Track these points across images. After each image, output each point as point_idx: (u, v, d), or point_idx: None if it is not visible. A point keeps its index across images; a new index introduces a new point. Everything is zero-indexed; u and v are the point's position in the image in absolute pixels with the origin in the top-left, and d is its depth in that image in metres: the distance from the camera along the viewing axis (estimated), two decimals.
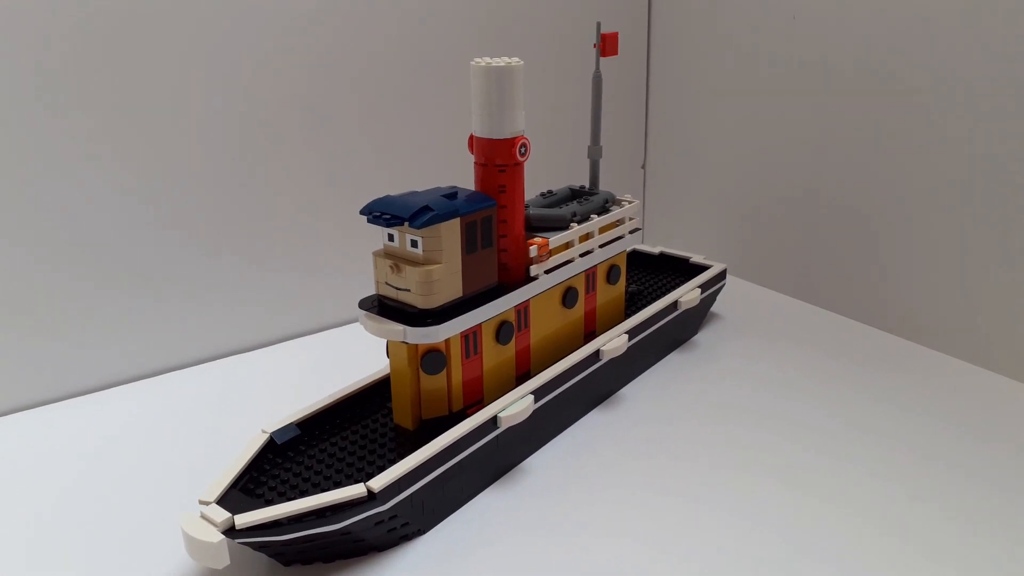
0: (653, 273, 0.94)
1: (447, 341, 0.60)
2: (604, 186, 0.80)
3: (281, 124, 0.85)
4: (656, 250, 0.97)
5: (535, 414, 0.65)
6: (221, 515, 0.50)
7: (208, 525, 0.50)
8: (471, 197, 0.60)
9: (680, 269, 0.94)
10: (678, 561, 0.55)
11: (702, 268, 0.91)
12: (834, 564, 0.54)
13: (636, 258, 0.98)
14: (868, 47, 0.87)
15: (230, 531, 0.49)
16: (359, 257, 0.80)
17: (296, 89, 0.85)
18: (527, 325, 0.68)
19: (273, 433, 0.59)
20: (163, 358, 0.83)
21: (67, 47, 0.72)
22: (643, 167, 1.17)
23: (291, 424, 0.60)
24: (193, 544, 0.49)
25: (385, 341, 0.63)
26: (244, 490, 0.55)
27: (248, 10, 0.80)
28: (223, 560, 0.49)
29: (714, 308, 0.96)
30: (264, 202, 0.86)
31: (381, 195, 0.61)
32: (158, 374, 0.82)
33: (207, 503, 0.51)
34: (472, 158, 0.65)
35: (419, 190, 0.62)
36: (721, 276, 0.91)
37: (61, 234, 0.75)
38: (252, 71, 0.82)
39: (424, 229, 0.56)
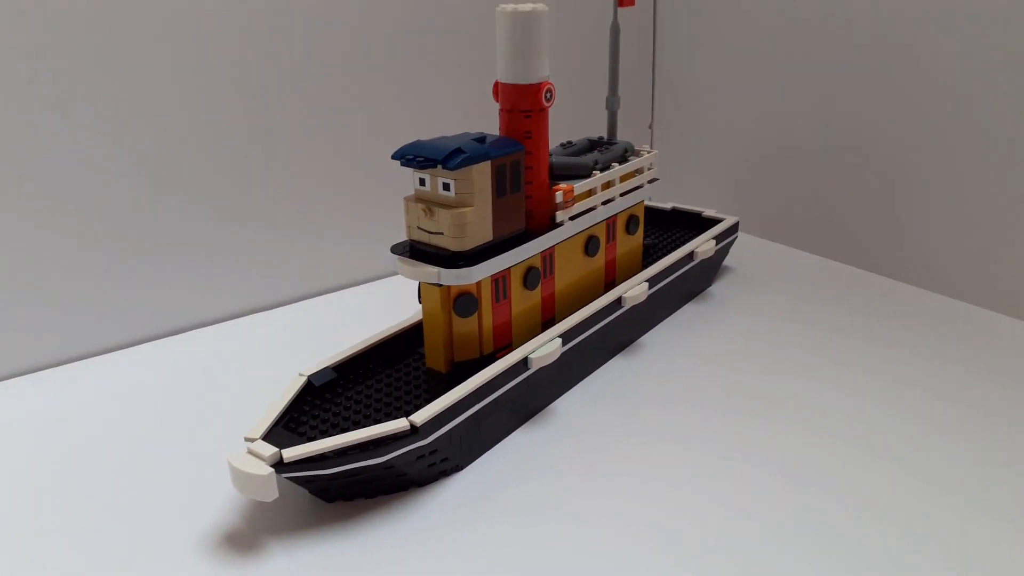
0: (666, 228, 0.95)
1: (478, 284, 0.61)
2: None
3: (301, 80, 0.85)
4: (668, 206, 0.98)
5: (562, 358, 0.66)
6: (268, 450, 0.51)
7: (256, 460, 0.51)
8: (499, 142, 0.61)
9: (693, 223, 0.95)
10: (696, 497, 0.56)
11: (715, 221, 0.93)
12: (848, 500, 0.56)
13: (649, 214, 0.99)
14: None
15: (277, 465, 0.51)
16: (385, 215, 0.81)
17: (313, 44, 0.85)
18: (552, 272, 0.69)
19: (311, 376, 0.60)
20: (196, 314, 0.84)
21: (75, 17, 0.72)
22: (650, 127, 1.18)
23: (327, 368, 0.61)
24: (242, 478, 0.50)
25: (417, 288, 0.64)
26: (287, 429, 0.56)
27: None
28: (272, 493, 0.50)
29: (727, 262, 0.98)
30: (289, 167, 0.87)
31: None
32: (193, 328, 0.84)
33: (253, 440, 0.53)
34: (495, 107, 0.65)
35: (447, 135, 0.63)
36: (733, 229, 0.93)
37: (102, 202, 0.76)
38: (268, 25, 0.82)
39: (457, 171, 0.57)
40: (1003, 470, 0.58)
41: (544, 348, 0.64)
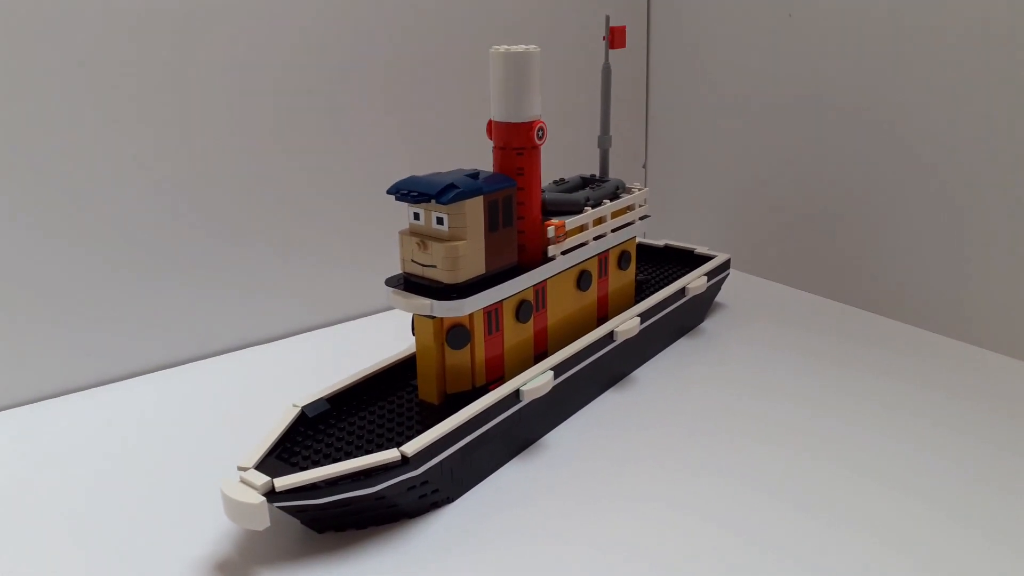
0: (660, 264, 0.96)
1: (471, 316, 0.62)
2: None
3: (303, 118, 0.87)
4: (661, 243, 0.99)
5: (554, 390, 0.67)
6: (260, 479, 0.52)
7: (248, 488, 0.51)
8: (492, 177, 0.63)
9: (685, 260, 0.96)
10: (693, 526, 0.57)
11: (706, 259, 0.94)
12: (845, 525, 0.56)
13: (642, 251, 1.00)
14: (864, 44, 0.90)
15: (269, 494, 0.51)
16: (382, 250, 0.82)
17: (314, 81, 0.87)
18: (544, 305, 0.70)
19: (304, 407, 0.61)
20: (194, 347, 0.85)
21: (99, 41, 0.74)
22: (644, 167, 1.20)
23: (321, 399, 0.62)
24: (234, 507, 0.51)
25: (410, 321, 0.65)
26: (280, 459, 0.56)
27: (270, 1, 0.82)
28: (264, 522, 0.51)
29: (719, 298, 0.99)
30: (290, 199, 0.88)
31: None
32: (191, 361, 0.85)
33: (246, 468, 0.53)
34: (490, 144, 0.67)
35: (441, 171, 0.64)
36: (725, 266, 0.94)
37: (107, 230, 0.77)
38: (276, 61, 0.84)
39: (450, 205, 0.59)
40: (982, 485, 0.59)
41: (536, 380, 0.64)
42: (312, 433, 0.60)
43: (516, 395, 0.63)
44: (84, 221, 0.76)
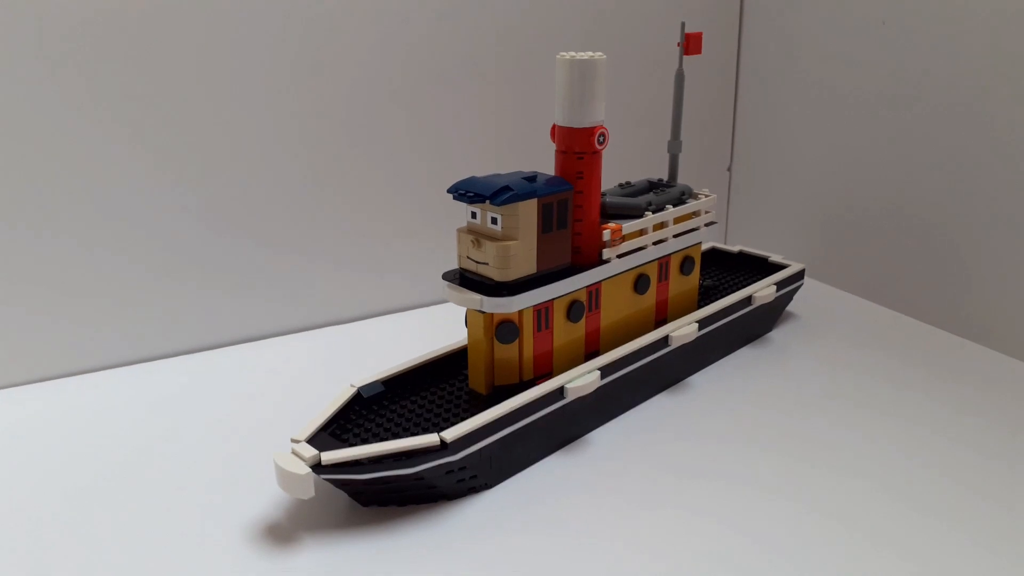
0: (731, 271, 0.96)
1: (520, 313, 0.64)
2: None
3: (385, 120, 0.92)
4: (735, 249, 0.99)
5: (601, 390, 0.69)
6: (309, 452, 0.56)
7: (298, 460, 0.56)
8: (550, 181, 0.65)
9: (758, 268, 0.95)
10: (722, 535, 0.57)
11: (780, 267, 0.93)
12: (903, 550, 0.56)
13: (715, 256, 1.00)
14: (963, 51, 0.86)
15: (316, 466, 0.55)
16: (449, 245, 0.86)
17: (399, 83, 0.91)
18: (598, 307, 0.71)
19: (360, 387, 0.65)
20: (274, 325, 0.91)
21: (122, 35, 0.79)
22: (729, 169, 1.19)
23: (377, 381, 0.66)
24: (283, 476, 0.55)
25: (464, 312, 0.68)
26: (332, 434, 0.61)
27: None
28: (308, 491, 0.55)
29: (792, 308, 0.97)
30: (369, 201, 0.94)
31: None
32: (270, 337, 0.91)
33: (298, 441, 0.58)
34: (554, 147, 0.69)
35: (501, 172, 0.67)
36: (799, 276, 0.92)
37: (181, 215, 0.84)
38: (352, 60, 0.89)
39: (503, 207, 0.61)
40: None
41: (582, 379, 0.66)
42: (365, 413, 0.64)
43: (560, 392, 0.65)
44: (161, 209, 0.84)
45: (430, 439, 0.57)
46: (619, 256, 0.71)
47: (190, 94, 0.81)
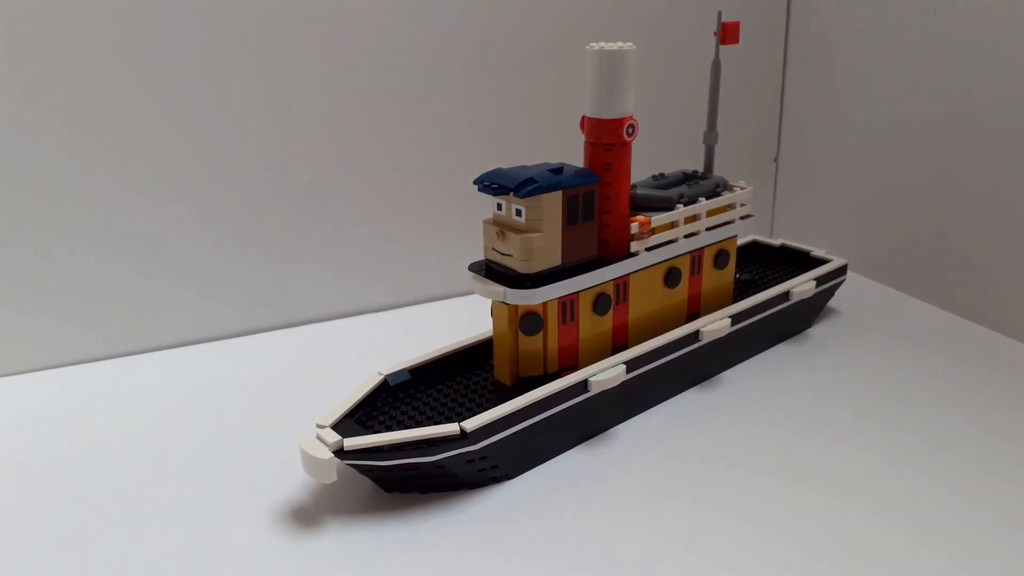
0: (772, 264, 0.94)
1: (544, 305, 0.65)
2: (732, 176, 0.81)
3: (409, 111, 0.93)
4: (777, 242, 0.97)
5: (627, 384, 0.68)
6: (333, 437, 0.57)
7: (321, 445, 0.57)
8: (576, 173, 0.64)
9: (800, 262, 0.93)
10: (741, 529, 0.57)
11: (822, 262, 0.91)
12: (944, 544, 0.54)
13: (756, 249, 0.98)
14: (1012, 42, 0.83)
15: (339, 452, 0.57)
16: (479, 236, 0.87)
17: (431, 75, 0.92)
18: (626, 300, 0.71)
19: (387, 375, 0.66)
20: (307, 311, 0.94)
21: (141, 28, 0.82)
22: (775, 160, 1.16)
23: (404, 369, 0.67)
24: (307, 460, 0.57)
25: (490, 303, 0.68)
26: (358, 421, 0.62)
27: None
28: (331, 476, 0.56)
29: (835, 304, 0.95)
30: (399, 191, 0.95)
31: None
32: (304, 324, 0.93)
33: (323, 427, 0.59)
34: (583, 138, 0.69)
35: (529, 164, 0.67)
36: (841, 271, 0.90)
37: (210, 198, 0.87)
38: (392, 50, 0.90)
39: (526, 199, 0.61)
40: None
41: (606, 372, 0.66)
42: (391, 400, 0.65)
43: (584, 385, 0.65)
44: (206, 196, 0.86)
45: (450, 428, 0.58)
46: (648, 249, 0.71)
47: (193, 93, 0.83)
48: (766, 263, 0.95)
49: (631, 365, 0.68)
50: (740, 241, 0.97)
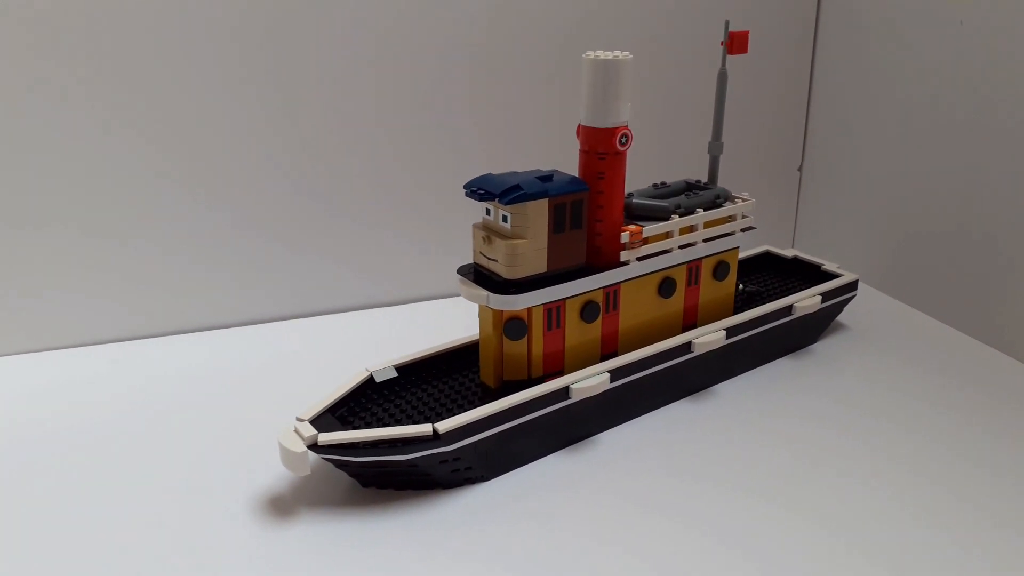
0: (783, 276, 0.93)
1: (529, 311, 0.65)
2: (755, 186, 0.80)
3: (411, 113, 0.93)
4: (789, 254, 0.95)
5: (613, 392, 0.68)
6: (309, 431, 0.59)
7: (297, 438, 0.59)
8: (564, 181, 0.65)
9: (811, 275, 0.92)
10: (713, 548, 0.57)
11: (833, 276, 0.89)
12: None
13: (769, 260, 0.97)
14: None
15: (313, 446, 0.58)
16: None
17: (430, 78, 0.93)
18: (616, 308, 0.71)
19: (374, 372, 0.68)
20: (302, 305, 0.95)
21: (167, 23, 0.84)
22: (799, 169, 1.14)
23: (390, 367, 0.68)
24: (283, 453, 0.58)
25: (477, 306, 0.69)
26: (341, 416, 0.63)
27: None
28: (304, 469, 0.58)
29: (844, 319, 0.93)
30: (397, 191, 0.96)
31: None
32: (297, 317, 0.95)
33: (302, 420, 0.61)
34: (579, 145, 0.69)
35: (529, 169, 0.67)
36: (851, 287, 0.88)
37: (238, 201, 0.89)
38: (404, 51, 0.91)
39: (512, 206, 0.62)
40: None
41: (589, 380, 0.66)
42: (376, 398, 0.67)
43: (565, 391, 0.66)
44: (218, 191, 0.89)
45: (423, 428, 0.59)
46: (640, 259, 0.70)
47: (218, 99, 0.85)
48: (777, 274, 0.93)
49: (617, 374, 0.68)
50: (752, 251, 0.96)
